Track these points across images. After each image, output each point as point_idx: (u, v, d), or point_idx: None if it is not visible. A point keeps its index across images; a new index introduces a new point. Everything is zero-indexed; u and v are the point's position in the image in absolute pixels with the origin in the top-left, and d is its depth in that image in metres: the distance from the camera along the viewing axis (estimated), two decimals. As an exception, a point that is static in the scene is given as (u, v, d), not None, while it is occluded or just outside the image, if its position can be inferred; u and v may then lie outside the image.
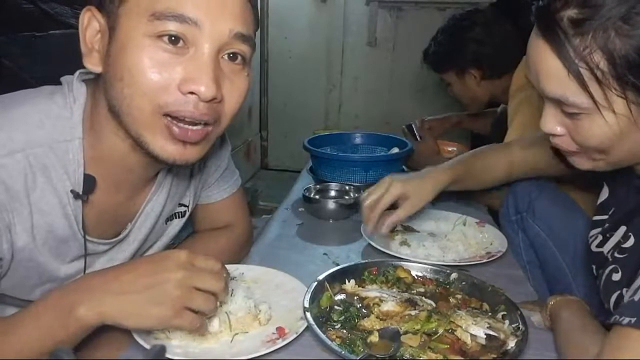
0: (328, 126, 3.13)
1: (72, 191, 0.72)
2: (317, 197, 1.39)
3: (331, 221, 1.31)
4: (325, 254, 1.11)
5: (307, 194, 1.35)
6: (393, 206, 1.06)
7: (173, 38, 0.65)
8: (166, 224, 0.94)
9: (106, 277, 0.68)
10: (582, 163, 0.79)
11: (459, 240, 1.16)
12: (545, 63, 0.71)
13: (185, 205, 0.96)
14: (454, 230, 1.21)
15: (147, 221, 0.87)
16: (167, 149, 0.70)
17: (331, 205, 1.31)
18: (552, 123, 0.77)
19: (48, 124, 0.70)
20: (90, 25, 0.69)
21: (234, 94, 0.72)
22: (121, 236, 0.84)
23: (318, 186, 1.44)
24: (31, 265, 0.73)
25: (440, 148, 1.84)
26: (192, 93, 0.66)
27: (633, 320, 0.59)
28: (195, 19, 0.65)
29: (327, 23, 3.04)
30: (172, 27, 0.64)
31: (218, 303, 0.72)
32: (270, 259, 1.05)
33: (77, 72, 0.75)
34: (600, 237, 0.86)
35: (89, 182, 0.73)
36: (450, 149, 1.94)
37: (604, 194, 0.90)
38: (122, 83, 0.66)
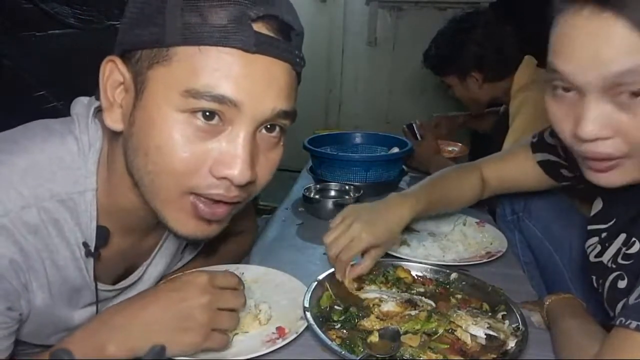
0: (328, 126, 3.13)
1: (84, 244, 0.67)
2: (317, 197, 1.39)
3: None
4: (325, 254, 1.10)
5: (307, 194, 1.35)
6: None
7: (208, 114, 0.58)
8: (181, 254, 0.91)
9: (130, 310, 0.66)
10: (613, 177, 0.69)
11: (459, 240, 1.16)
12: (606, 37, 0.61)
13: None
14: (454, 230, 1.21)
15: (160, 263, 0.84)
16: (189, 226, 0.64)
17: (331, 205, 1.31)
18: (600, 124, 0.64)
19: (59, 175, 0.64)
20: (111, 76, 0.62)
21: (266, 170, 0.66)
22: (134, 277, 0.80)
23: (318, 186, 1.44)
24: (47, 317, 0.69)
25: (440, 148, 1.83)
26: (224, 177, 0.60)
27: (634, 323, 0.59)
28: (235, 101, 0.57)
29: (327, 23, 3.04)
30: (208, 105, 0.57)
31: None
32: (270, 259, 1.05)
33: (92, 109, 0.68)
34: (598, 247, 0.85)
35: (102, 235, 0.69)
36: (450, 148, 1.95)
37: (598, 204, 0.88)
38: (147, 158, 0.60)
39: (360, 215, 0.94)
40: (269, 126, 0.63)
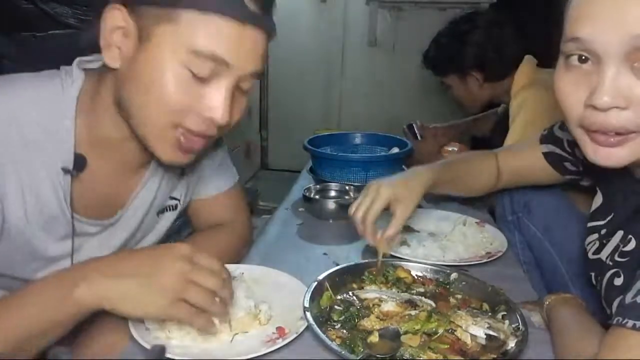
0: (328, 126, 3.13)
1: (62, 168, 0.75)
2: (317, 197, 1.39)
3: (331, 221, 1.31)
4: (325, 254, 1.11)
5: (307, 194, 1.35)
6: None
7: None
8: (158, 216, 0.96)
9: (107, 260, 0.73)
10: (618, 154, 0.67)
11: (459, 240, 1.16)
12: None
13: (176, 199, 0.99)
14: (454, 230, 1.21)
15: (138, 210, 0.90)
16: (169, 155, 0.77)
17: (331, 205, 1.31)
18: (616, 92, 0.62)
19: (42, 102, 0.74)
20: (114, 21, 0.72)
21: (236, 114, 0.79)
22: (111, 220, 0.86)
23: (318, 186, 1.44)
24: (21, 240, 0.75)
25: (440, 148, 1.83)
26: (208, 118, 0.74)
27: (638, 323, 0.59)
28: (226, 61, 0.71)
29: (327, 23, 3.04)
30: (206, 65, 0.70)
31: (226, 306, 0.73)
32: (270, 259, 1.05)
33: (77, 60, 0.80)
34: (597, 244, 0.85)
35: (79, 161, 0.77)
36: (450, 149, 1.94)
37: (598, 200, 0.88)
38: (145, 95, 0.72)
39: (380, 180, 1.01)
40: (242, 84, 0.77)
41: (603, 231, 0.85)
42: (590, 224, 0.88)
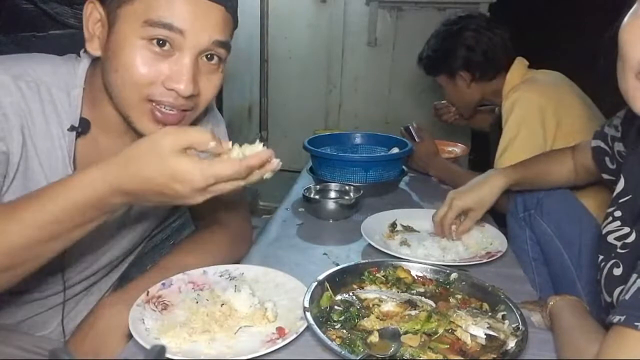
0: (328, 126, 3.13)
1: (69, 128, 0.82)
2: (317, 197, 1.39)
3: (331, 221, 1.31)
4: (325, 254, 1.11)
5: (307, 194, 1.35)
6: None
7: (161, 42, 0.76)
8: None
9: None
10: None
11: (459, 240, 1.16)
12: None
13: None
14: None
15: None
16: (149, 128, 0.80)
17: (331, 205, 1.31)
18: None
19: (57, 73, 0.83)
20: (92, 15, 0.80)
21: (208, 88, 0.84)
22: None
23: (318, 186, 1.44)
24: (30, 185, 0.80)
25: (439, 148, 1.83)
26: (173, 89, 0.78)
27: (622, 318, 0.60)
28: (180, 29, 0.76)
29: (327, 23, 3.04)
30: (161, 33, 0.75)
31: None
32: (270, 259, 1.05)
33: (82, 50, 0.86)
34: (618, 229, 0.85)
35: (84, 123, 0.84)
36: (449, 149, 1.94)
37: (620, 185, 0.89)
38: (116, 74, 0.77)
39: (456, 191, 1.19)
40: (209, 56, 0.81)
41: (623, 215, 0.85)
42: (609, 210, 0.89)
